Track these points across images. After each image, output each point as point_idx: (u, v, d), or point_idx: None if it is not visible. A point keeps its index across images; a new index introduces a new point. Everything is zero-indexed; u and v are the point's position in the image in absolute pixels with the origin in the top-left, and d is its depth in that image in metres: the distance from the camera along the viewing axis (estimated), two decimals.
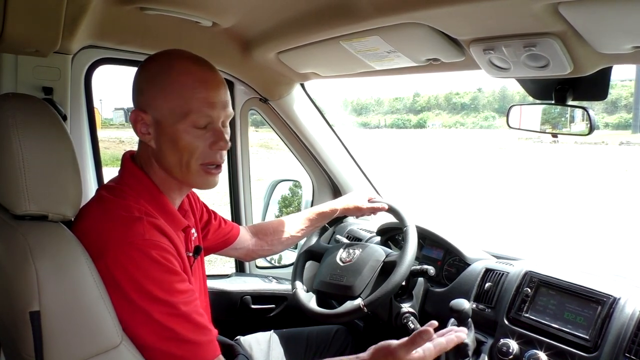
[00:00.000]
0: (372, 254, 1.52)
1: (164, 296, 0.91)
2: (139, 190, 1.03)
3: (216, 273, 1.99)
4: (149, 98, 1.01)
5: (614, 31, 0.95)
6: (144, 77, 1.03)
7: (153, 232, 0.95)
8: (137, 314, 0.91)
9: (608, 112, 30.16)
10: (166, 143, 1.01)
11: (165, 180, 1.06)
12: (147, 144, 1.04)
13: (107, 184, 1.08)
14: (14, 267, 0.86)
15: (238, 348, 1.38)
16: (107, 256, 0.91)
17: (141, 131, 1.02)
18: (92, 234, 0.95)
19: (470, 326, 1.30)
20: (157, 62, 1.03)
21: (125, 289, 0.91)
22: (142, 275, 0.91)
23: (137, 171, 1.05)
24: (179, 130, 1.00)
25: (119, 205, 0.98)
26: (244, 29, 1.55)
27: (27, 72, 1.46)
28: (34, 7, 1.00)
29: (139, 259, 0.91)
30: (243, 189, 2.04)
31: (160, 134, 1.01)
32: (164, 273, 0.93)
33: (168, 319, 0.92)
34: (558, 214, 9.12)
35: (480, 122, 40.43)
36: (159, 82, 1.00)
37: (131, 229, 0.93)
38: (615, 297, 1.20)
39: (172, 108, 0.99)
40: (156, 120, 1.01)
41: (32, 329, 0.82)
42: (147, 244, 0.92)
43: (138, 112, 1.02)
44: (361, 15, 1.17)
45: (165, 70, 1.01)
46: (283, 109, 1.97)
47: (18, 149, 0.88)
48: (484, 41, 1.13)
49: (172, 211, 1.07)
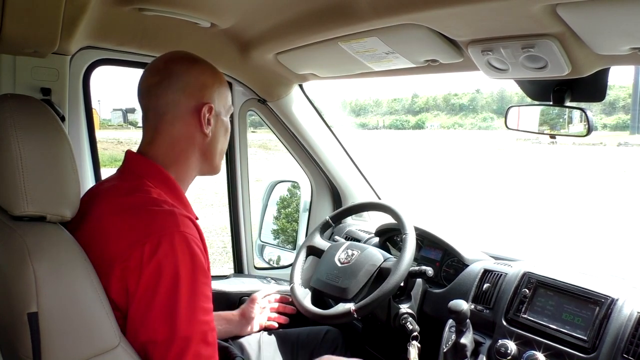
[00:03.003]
0: (370, 258, 1.52)
1: (191, 294, 0.92)
2: (158, 183, 1.05)
3: (215, 274, 1.98)
4: (213, 92, 1.12)
5: (612, 32, 0.96)
6: (209, 72, 1.13)
7: (188, 224, 0.97)
8: (158, 305, 0.91)
9: (606, 113, 30.23)
10: (222, 132, 1.17)
11: (188, 172, 1.13)
12: (194, 137, 1.11)
13: (111, 182, 1.09)
14: (12, 268, 0.85)
15: (233, 350, 1.38)
16: (146, 244, 0.91)
17: (207, 122, 1.11)
18: (115, 231, 0.95)
19: (468, 327, 1.31)
20: (205, 61, 1.15)
21: (159, 278, 0.90)
22: (181, 265, 0.91)
23: (153, 165, 1.08)
24: (227, 121, 1.19)
25: (145, 199, 0.99)
26: (242, 30, 1.55)
27: (26, 73, 1.46)
28: (32, 8, 1.00)
29: (183, 248, 0.92)
30: (242, 189, 2.04)
31: (219, 124, 1.15)
32: (197, 271, 0.94)
33: (184, 319, 0.91)
34: (557, 215, 9.13)
35: (478, 123, 40.50)
36: (219, 78, 1.15)
37: (169, 220, 0.95)
38: (613, 298, 1.20)
39: (225, 102, 1.17)
40: (217, 112, 1.13)
41: (30, 330, 0.82)
42: (188, 236, 0.94)
43: (209, 104, 1.10)
44: (359, 16, 1.17)
45: (215, 68, 1.16)
46: (281, 110, 1.97)
47: (16, 150, 0.88)
48: (482, 42, 1.13)
49: (187, 203, 1.11)
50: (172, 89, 1.08)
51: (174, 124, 1.09)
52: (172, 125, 1.09)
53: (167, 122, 1.09)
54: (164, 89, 1.08)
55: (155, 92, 1.09)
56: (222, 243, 6.62)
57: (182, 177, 1.12)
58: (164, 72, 1.09)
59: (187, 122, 1.09)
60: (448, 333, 1.40)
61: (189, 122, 1.09)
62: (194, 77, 1.10)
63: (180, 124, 1.09)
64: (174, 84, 1.08)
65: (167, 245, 0.91)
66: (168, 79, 1.08)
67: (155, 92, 1.09)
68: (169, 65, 1.10)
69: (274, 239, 2.39)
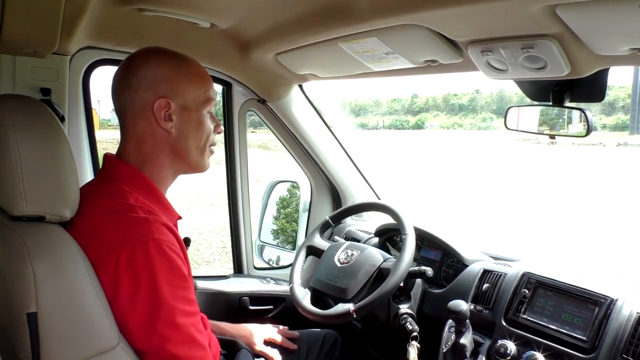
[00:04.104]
0: (370, 258, 1.52)
1: (170, 300, 0.91)
2: (135, 186, 1.03)
3: (214, 274, 1.98)
4: (174, 86, 1.05)
5: (611, 33, 0.96)
6: (166, 66, 1.06)
7: (163, 231, 0.96)
8: (138, 314, 0.91)
9: (605, 113, 30.26)
10: (191, 128, 1.08)
11: (162, 171, 1.08)
12: (157, 134, 1.05)
13: (91, 186, 1.07)
14: (11, 269, 0.85)
15: (240, 343, 1.38)
16: (121, 254, 0.90)
17: (163, 118, 1.04)
18: (96, 234, 0.95)
19: (468, 327, 1.31)
20: (172, 54, 1.09)
21: (137, 286, 0.90)
22: (157, 273, 0.91)
23: (129, 167, 1.06)
24: (202, 115, 1.09)
25: (122, 205, 0.98)
26: (242, 30, 1.55)
27: (25, 73, 1.46)
28: (32, 8, 1.00)
29: (156, 256, 0.91)
30: (241, 190, 2.04)
31: (186, 119, 1.07)
32: (174, 276, 0.93)
33: (167, 324, 0.92)
34: (556, 215, 9.13)
35: (478, 124, 40.53)
36: (183, 71, 1.07)
37: (143, 228, 0.94)
38: (612, 298, 1.20)
39: (197, 95, 1.08)
40: (181, 107, 1.06)
41: (29, 330, 0.82)
42: (162, 242, 0.93)
43: (163, 99, 1.04)
44: (359, 16, 1.17)
45: (183, 61, 1.08)
46: (281, 110, 1.97)
47: (15, 150, 0.88)
48: (481, 43, 1.13)
49: (167, 203, 1.09)
50: (129, 84, 1.04)
51: (136, 122, 1.05)
52: (135, 123, 1.05)
53: (130, 120, 1.06)
54: (124, 85, 1.05)
55: (116, 89, 1.07)
56: (221, 243, 6.63)
57: (157, 177, 1.08)
58: (124, 68, 1.07)
59: (147, 119, 1.04)
60: (447, 333, 1.40)
61: (149, 118, 1.04)
62: (150, 70, 1.04)
63: (141, 121, 1.05)
64: (130, 79, 1.04)
65: (142, 253, 0.91)
66: (127, 75, 1.05)
67: (116, 90, 1.07)
68: (130, 61, 1.07)
69: (274, 239, 2.39)
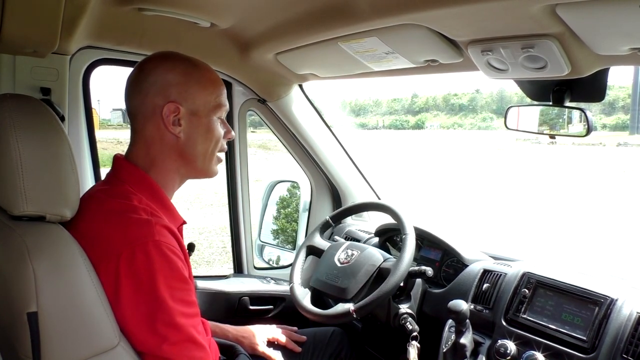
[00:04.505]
0: (370, 258, 1.52)
1: (170, 301, 0.92)
2: (140, 188, 1.04)
3: (214, 274, 1.98)
4: (184, 90, 1.06)
5: (611, 33, 0.96)
6: (177, 71, 1.06)
7: (164, 233, 0.96)
8: (138, 315, 0.91)
9: (606, 113, 30.27)
10: (200, 133, 1.08)
11: (169, 175, 1.09)
12: (165, 138, 1.06)
13: (99, 187, 1.08)
14: (11, 268, 0.85)
15: (239, 348, 1.38)
16: (122, 255, 0.91)
17: (172, 123, 1.05)
18: (98, 235, 0.95)
19: (468, 327, 1.31)
20: (183, 59, 1.09)
21: (137, 287, 0.91)
22: (156, 274, 0.91)
23: (135, 170, 1.06)
24: (212, 120, 1.10)
25: (124, 206, 0.98)
26: (242, 30, 1.55)
27: (25, 73, 1.46)
28: (32, 8, 1.00)
29: (157, 257, 0.92)
30: (241, 189, 2.04)
31: (195, 124, 1.07)
32: (174, 278, 0.94)
33: (166, 325, 0.92)
34: (556, 215, 9.13)
35: (478, 123, 40.54)
36: (194, 76, 1.07)
37: (144, 229, 0.94)
38: (612, 298, 1.20)
39: (207, 100, 1.08)
40: (191, 112, 1.06)
41: (30, 330, 0.82)
42: (162, 244, 0.93)
43: (173, 103, 1.04)
44: (359, 16, 1.17)
45: (195, 66, 1.09)
46: (281, 110, 1.97)
47: (16, 150, 0.88)
48: (482, 42, 1.13)
49: (172, 208, 1.09)
50: (140, 88, 1.06)
51: (145, 126, 1.06)
52: (144, 127, 1.07)
53: (140, 124, 1.07)
54: (135, 89, 1.07)
55: (129, 93, 1.08)
56: (221, 243, 6.63)
57: (164, 180, 1.08)
58: (137, 72, 1.08)
59: (156, 123, 1.05)
60: (448, 333, 1.40)
61: (158, 123, 1.05)
62: (160, 75, 1.05)
63: (150, 125, 1.06)
64: (141, 83, 1.06)
65: (142, 255, 0.91)
66: (138, 79, 1.07)
67: (129, 93, 1.08)
68: (142, 65, 1.08)
69: (274, 239, 2.39)
